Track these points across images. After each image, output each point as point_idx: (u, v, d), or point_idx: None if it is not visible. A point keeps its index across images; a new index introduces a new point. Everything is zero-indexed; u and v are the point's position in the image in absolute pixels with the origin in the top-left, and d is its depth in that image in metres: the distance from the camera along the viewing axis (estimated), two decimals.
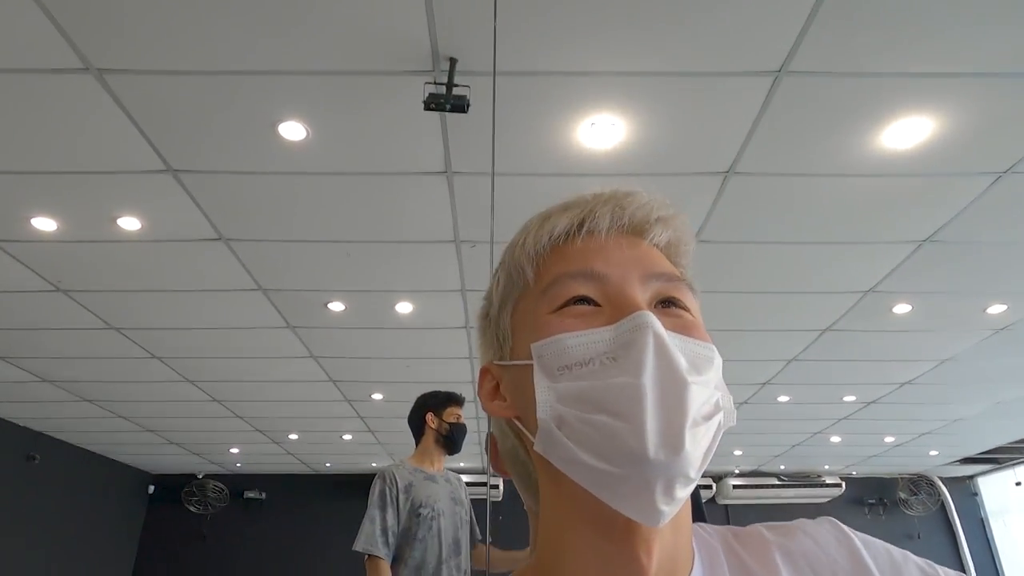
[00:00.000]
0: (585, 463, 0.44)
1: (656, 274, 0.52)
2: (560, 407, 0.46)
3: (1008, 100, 2.31)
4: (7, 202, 2.91)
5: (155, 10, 1.95)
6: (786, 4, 1.94)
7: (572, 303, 0.50)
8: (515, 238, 0.57)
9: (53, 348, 4.61)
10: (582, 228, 0.53)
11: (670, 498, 0.44)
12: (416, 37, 2.06)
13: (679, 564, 0.51)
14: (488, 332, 0.58)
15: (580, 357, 0.47)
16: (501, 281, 0.57)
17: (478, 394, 0.56)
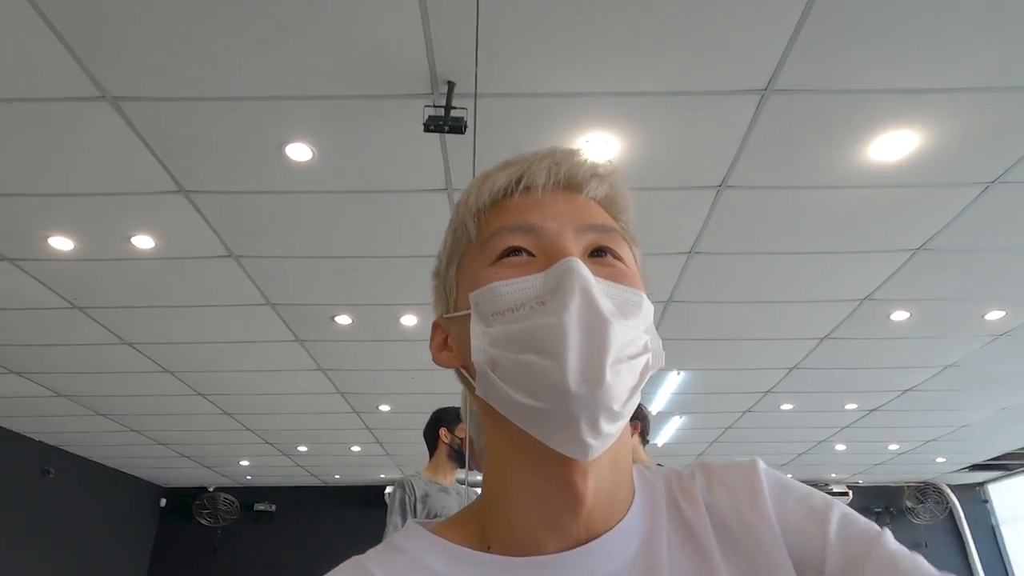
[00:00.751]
0: (517, 401, 0.47)
1: (590, 225, 0.54)
2: (493, 350, 0.49)
3: (991, 113, 2.38)
4: (26, 223, 3.03)
5: (168, 41, 2.05)
6: (769, 26, 2.03)
7: (508, 254, 0.52)
8: (461, 197, 0.59)
9: (68, 363, 4.73)
10: (520, 184, 0.55)
11: (596, 432, 0.46)
12: (416, 62, 2.16)
13: (617, 502, 0.53)
14: (439, 288, 0.60)
15: (512, 303, 0.50)
16: (448, 239, 0.59)
17: (429, 348, 0.59)
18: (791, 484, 0.56)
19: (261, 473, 8.35)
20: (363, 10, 1.96)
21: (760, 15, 1.98)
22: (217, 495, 8.72)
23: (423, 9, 1.96)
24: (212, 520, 8.63)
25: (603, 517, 0.51)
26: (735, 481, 0.56)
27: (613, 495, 0.52)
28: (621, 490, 0.53)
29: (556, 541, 0.50)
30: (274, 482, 8.78)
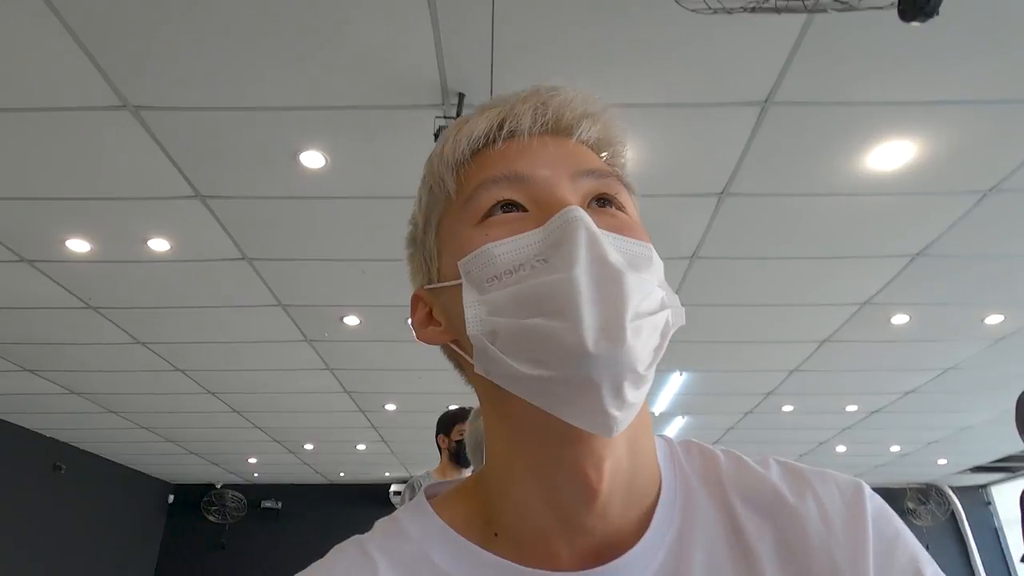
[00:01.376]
0: (525, 374, 0.41)
1: (586, 171, 0.48)
2: (492, 319, 0.43)
3: (984, 125, 2.44)
4: (44, 226, 3.11)
5: (187, 53, 2.13)
6: (769, 40, 2.10)
7: (497, 210, 0.46)
8: (434, 149, 0.52)
9: (81, 361, 4.82)
10: (502, 129, 0.49)
11: (620, 401, 0.40)
12: (427, 74, 2.23)
13: (639, 491, 0.46)
14: (416, 256, 0.54)
15: (509, 264, 0.44)
16: (423, 199, 0.52)
17: (412, 324, 0.53)
18: (900, 534, 0.47)
19: (268, 471, 8.45)
20: (376, 24, 2.04)
21: (760, 31, 2.05)
22: (225, 492, 8.83)
23: (435, 23, 2.04)
24: (220, 517, 8.74)
25: (622, 509, 0.45)
26: (833, 502, 0.47)
27: (633, 483, 0.46)
28: (643, 476, 0.47)
29: (569, 539, 0.45)
30: (281, 480, 8.87)
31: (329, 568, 0.47)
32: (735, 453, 0.52)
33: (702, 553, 0.45)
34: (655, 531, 0.45)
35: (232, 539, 8.64)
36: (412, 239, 0.55)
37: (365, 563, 0.47)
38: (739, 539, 0.46)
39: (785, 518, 0.46)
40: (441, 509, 0.50)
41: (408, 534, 0.49)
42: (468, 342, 0.45)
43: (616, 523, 0.45)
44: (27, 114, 2.38)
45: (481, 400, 0.50)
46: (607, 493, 0.44)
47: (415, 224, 0.54)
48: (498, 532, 0.47)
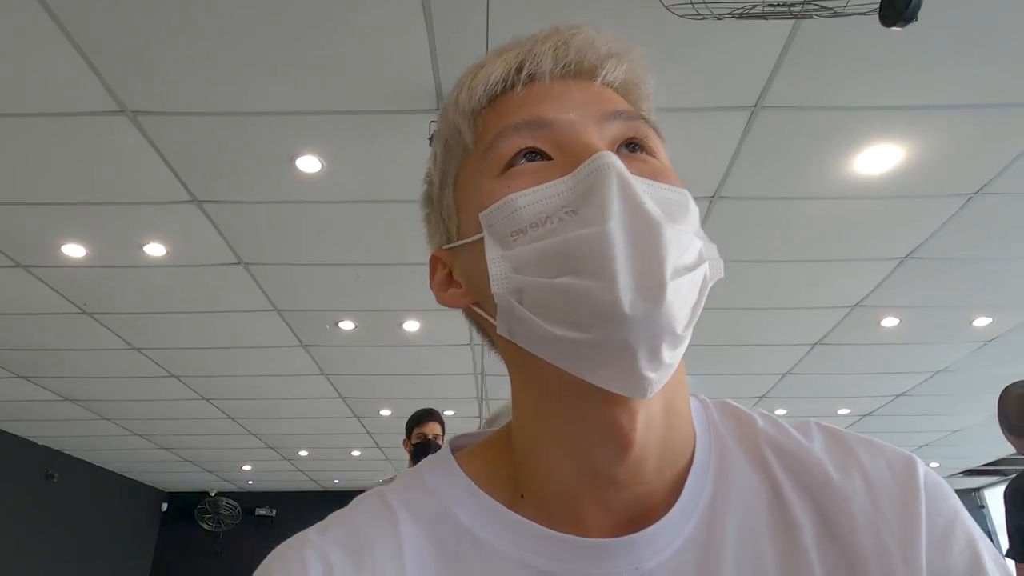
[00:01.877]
0: (555, 336, 0.38)
1: (613, 112, 0.44)
2: (518, 277, 0.40)
3: (970, 129, 2.49)
4: (40, 230, 3.12)
5: (185, 58, 2.16)
6: (758, 45, 2.14)
7: (520, 160, 0.43)
8: (447, 98, 0.49)
9: (76, 368, 4.82)
10: (521, 72, 0.45)
11: (657, 362, 0.38)
12: (421, 79, 2.27)
13: (673, 453, 0.44)
14: (433, 216, 0.51)
15: (534, 217, 0.40)
16: (438, 153, 0.50)
17: (431, 287, 0.50)
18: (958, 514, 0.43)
19: (262, 478, 8.43)
20: (372, 29, 2.07)
21: (749, 36, 2.09)
22: (219, 500, 8.79)
23: (430, 29, 2.07)
24: (214, 525, 8.70)
25: (656, 468, 0.43)
26: (882, 478, 0.44)
27: (667, 443, 0.43)
28: (678, 438, 0.44)
29: (599, 500, 0.43)
30: (275, 487, 8.85)
31: (350, 518, 0.46)
32: (772, 417, 0.49)
33: (737, 521, 0.43)
34: (687, 497, 0.43)
35: (226, 547, 8.60)
36: (428, 198, 0.52)
37: (387, 515, 0.45)
38: (781, 508, 0.43)
39: (828, 495, 0.43)
40: (466, 464, 0.48)
41: (432, 488, 0.47)
42: (491, 303, 0.42)
43: (649, 484, 0.43)
44: (24, 119, 2.40)
45: (507, 364, 0.47)
46: (640, 445, 0.41)
47: (430, 182, 0.51)
48: (524, 494, 0.45)
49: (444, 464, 0.48)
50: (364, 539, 0.44)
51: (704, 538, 0.42)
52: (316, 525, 0.46)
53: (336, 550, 0.43)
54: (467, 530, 0.44)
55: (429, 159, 0.51)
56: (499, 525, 0.44)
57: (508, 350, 0.45)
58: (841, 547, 0.41)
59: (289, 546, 0.45)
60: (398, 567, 0.42)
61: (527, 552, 0.42)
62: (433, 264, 0.50)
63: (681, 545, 0.42)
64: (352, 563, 0.42)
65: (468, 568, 0.43)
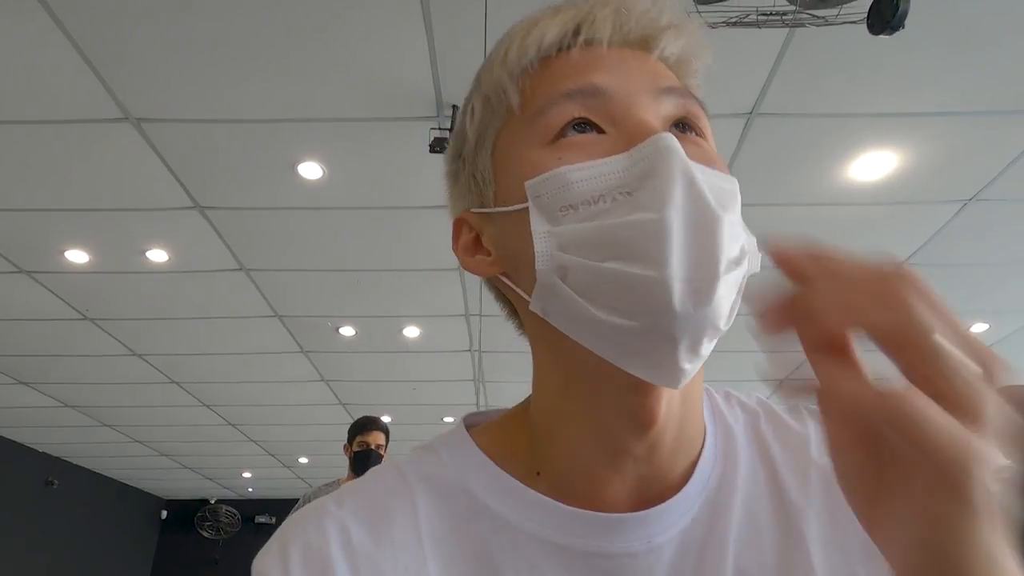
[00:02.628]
0: (596, 319, 0.38)
1: (668, 88, 0.43)
2: (564, 256, 0.39)
3: (964, 136, 2.52)
4: (43, 237, 3.15)
5: (188, 66, 2.19)
6: (753, 53, 2.17)
7: (570, 131, 0.41)
8: (492, 53, 0.46)
9: (76, 374, 4.83)
10: (578, 36, 0.43)
11: (695, 355, 0.38)
12: (422, 87, 2.30)
13: (687, 439, 0.45)
14: (462, 175, 0.48)
15: (587, 194, 0.39)
16: (476, 110, 0.46)
17: (454, 251, 0.48)
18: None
19: (262, 485, 8.42)
20: (372, 37, 2.10)
21: (744, 45, 2.12)
22: (219, 507, 8.78)
23: (430, 37, 2.10)
24: (214, 532, 8.68)
25: (671, 451, 0.44)
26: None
27: (683, 429, 0.44)
28: (692, 425, 0.45)
29: (616, 478, 0.43)
30: (275, 494, 8.83)
31: (367, 490, 0.46)
32: (770, 404, 0.50)
33: (740, 503, 0.44)
34: (698, 479, 0.44)
35: (225, 554, 8.57)
36: (457, 155, 0.48)
37: (403, 488, 0.45)
38: (780, 491, 0.44)
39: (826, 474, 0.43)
40: (481, 441, 0.48)
41: (447, 463, 0.47)
42: (525, 275, 0.41)
43: (662, 466, 0.43)
44: (29, 125, 2.43)
45: (533, 340, 0.46)
46: (660, 428, 0.42)
47: (462, 139, 0.48)
48: (540, 471, 0.45)
49: (459, 440, 0.48)
50: (381, 511, 0.44)
51: (709, 518, 0.44)
52: (330, 495, 0.46)
53: (355, 521, 0.43)
54: (483, 504, 0.44)
55: (462, 114, 0.48)
56: (514, 500, 0.44)
57: (536, 326, 0.44)
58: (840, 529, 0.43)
59: (306, 515, 0.44)
60: (415, 539, 0.43)
61: (542, 527, 0.43)
62: (458, 227, 0.48)
63: (690, 523, 0.43)
64: (370, 534, 0.43)
65: (483, 541, 0.43)
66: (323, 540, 0.42)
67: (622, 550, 0.42)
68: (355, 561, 0.42)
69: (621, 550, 0.42)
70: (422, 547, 0.43)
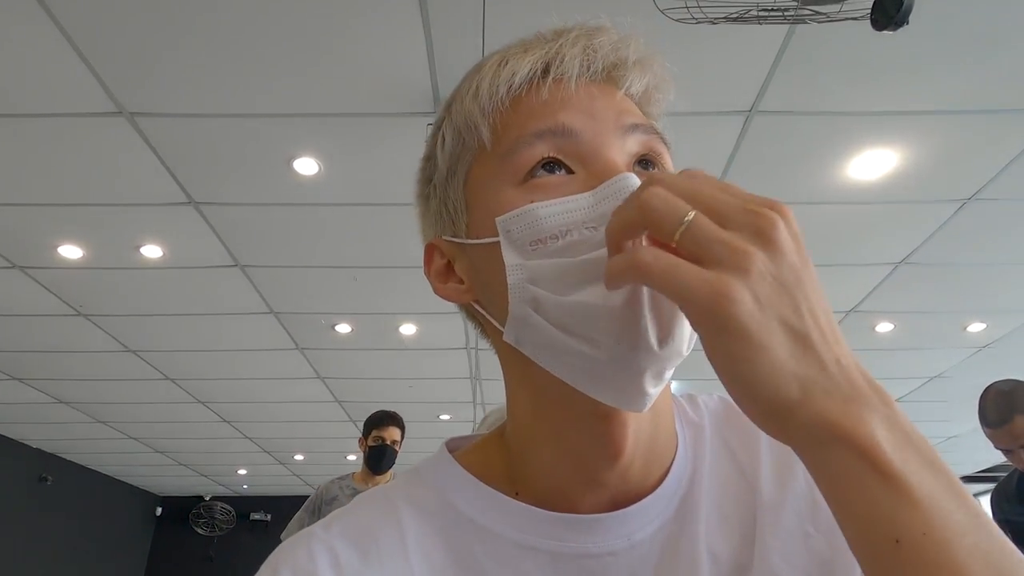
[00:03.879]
0: (568, 348, 0.39)
1: (633, 125, 0.45)
2: (535, 289, 0.40)
3: (963, 135, 2.51)
4: (36, 232, 3.12)
5: (183, 61, 2.17)
6: (753, 50, 2.16)
7: (540, 169, 0.43)
8: (463, 85, 0.47)
9: (71, 370, 4.81)
10: (548, 74, 0.44)
11: (659, 380, 0.40)
12: (418, 82, 2.28)
13: (658, 452, 0.47)
14: (432, 202, 0.50)
15: (555, 228, 0.40)
16: (447, 141, 0.48)
17: (427, 276, 0.50)
18: None
19: (257, 482, 8.40)
20: (369, 32, 2.08)
21: (744, 41, 2.11)
22: (214, 504, 8.76)
23: (427, 31, 2.08)
24: (208, 529, 8.67)
25: (642, 468, 0.46)
26: None
27: (653, 446, 0.46)
28: (662, 439, 0.47)
29: (591, 494, 0.45)
30: (270, 491, 8.82)
31: (352, 514, 0.47)
32: (727, 400, 0.52)
33: (708, 494, 0.47)
34: (672, 479, 0.47)
35: (220, 551, 8.56)
36: (428, 180, 0.50)
37: (389, 509, 0.47)
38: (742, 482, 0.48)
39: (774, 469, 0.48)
40: (464, 461, 0.49)
41: (431, 483, 0.48)
42: (498, 305, 0.43)
43: (634, 481, 0.46)
44: (22, 119, 2.40)
45: (504, 364, 0.48)
46: (630, 454, 0.44)
47: (433, 165, 0.49)
48: (519, 491, 0.47)
49: (442, 462, 0.50)
50: (368, 532, 0.45)
51: (684, 513, 0.46)
52: (318, 522, 0.47)
53: (342, 543, 0.44)
54: (468, 518, 0.45)
55: (432, 140, 0.50)
56: (498, 512, 0.46)
57: (508, 353, 0.46)
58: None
59: (294, 542, 0.46)
60: (402, 554, 0.44)
61: (527, 535, 0.45)
62: (430, 252, 0.50)
63: (667, 519, 0.46)
64: (358, 554, 0.44)
65: (471, 554, 0.44)
66: (312, 563, 0.43)
67: (604, 549, 0.44)
68: None
69: (603, 549, 0.44)
70: (410, 563, 0.44)
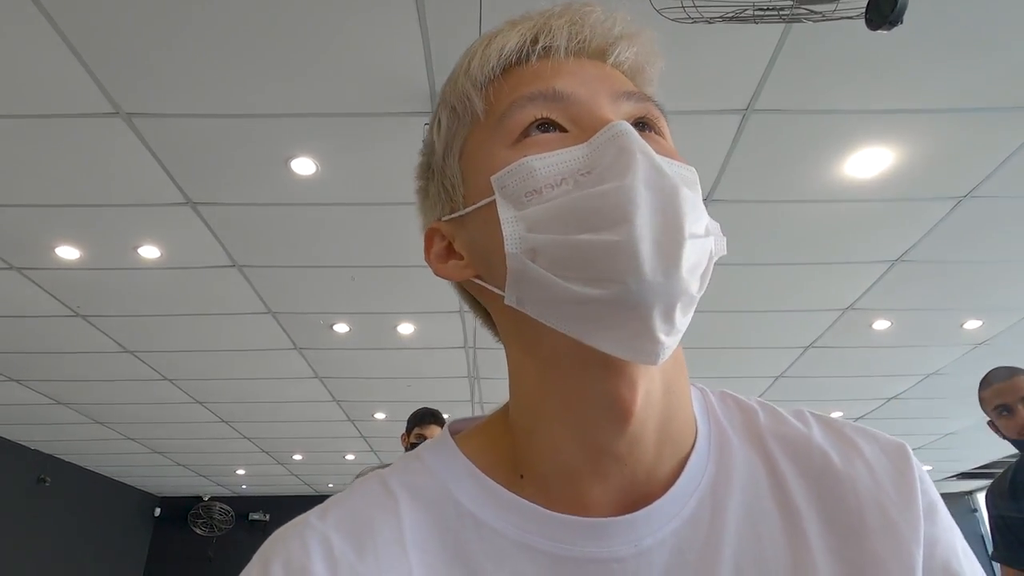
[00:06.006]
0: (569, 295, 0.38)
1: (626, 93, 0.45)
2: (533, 236, 0.40)
3: (959, 133, 2.52)
4: (34, 232, 3.12)
5: (180, 61, 2.17)
6: (749, 49, 2.16)
7: (534, 129, 0.43)
8: (456, 66, 0.48)
9: (69, 371, 4.80)
10: (536, 45, 0.45)
11: (670, 325, 0.38)
12: (416, 81, 2.28)
13: (674, 435, 0.44)
14: (432, 187, 0.50)
15: (550, 178, 0.40)
16: (442, 122, 0.48)
17: (427, 260, 0.49)
18: (939, 499, 0.46)
19: (256, 482, 8.40)
20: (366, 31, 2.08)
21: (740, 40, 2.11)
22: (212, 504, 8.76)
23: (423, 30, 2.09)
24: (207, 529, 8.66)
25: (655, 447, 0.43)
26: (881, 462, 0.45)
27: (667, 423, 0.44)
28: (678, 421, 0.45)
29: (600, 478, 0.43)
30: (269, 491, 8.82)
31: (350, 502, 0.46)
32: (770, 405, 0.50)
33: (737, 504, 0.44)
34: (687, 479, 0.44)
35: (219, 552, 8.56)
36: (426, 168, 0.51)
37: (387, 498, 0.45)
38: (782, 492, 0.44)
39: (831, 480, 0.44)
40: (465, 446, 0.48)
41: (432, 471, 0.46)
42: (498, 271, 0.42)
43: (648, 463, 0.43)
44: (19, 120, 2.40)
45: (507, 340, 0.47)
46: (640, 419, 0.42)
47: (431, 151, 0.50)
48: (524, 474, 0.45)
49: (443, 447, 0.48)
50: (365, 523, 0.44)
51: (705, 519, 0.43)
52: (314, 509, 0.46)
53: (337, 534, 0.43)
54: (468, 512, 0.44)
55: (431, 128, 0.50)
56: (499, 507, 0.44)
57: (510, 321, 0.45)
58: (846, 527, 0.42)
59: (288, 530, 0.44)
60: (400, 550, 0.42)
61: (527, 534, 0.43)
62: (430, 237, 0.49)
63: (680, 524, 0.43)
64: (353, 546, 0.42)
65: (469, 550, 0.43)
66: (305, 556, 0.42)
67: (608, 555, 0.42)
68: (338, 574, 0.41)
69: (607, 555, 0.42)
70: (407, 556, 0.42)
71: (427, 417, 3.09)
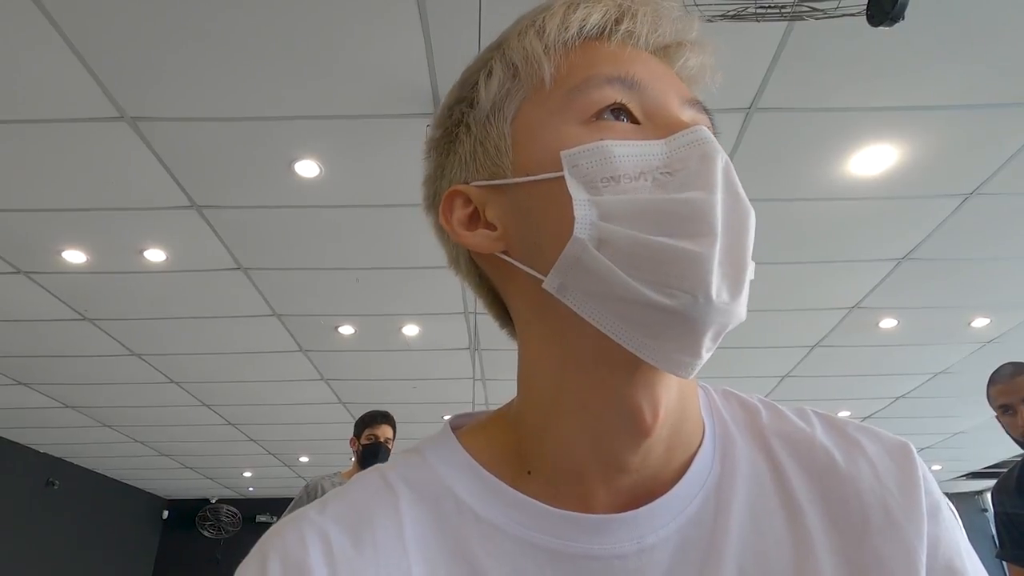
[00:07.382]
0: (628, 293, 0.37)
1: (691, 100, 0.44)
2: (606, 226, 0.38)
3: (964, 130, 2.50)
4: (40, 237, 3.14)
5: (184, 64, 2.18)
6: (752, 47, 2.16)
7: (608, 113, 0.41)
8: (524, 21, 0.45)
9: (76, 374, 4.82)
10: (620, 26, 0.43)
11: (714, 344, 0.38)
12: (418, 84, 2.28)
13: (683, 437, 0.44)
14: (464, 145, 0.46)
15: (630, 169, 0.38)
16: (495, 75, 0.44)
17: (445, 223, 0.45)
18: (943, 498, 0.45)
19: (263, 485, 8.42)
20: (369, 35, 2.09)
21: (743, 39, 2.10)
22: (220, 507, 8.78)
23: (426, 34, 2.09)
24: (215, 532, 8.69)
25: (665, 453, 0.43)
26: (884, 461, 0.45)
27: (679, 428, 0.44)
28: (688, 423, 0.45)
29: (607, 480, 0.43)
30: (276, 494, 8.83)
31: (349, 496, 0.45)
32: (773, 404, 0.49)
33: (741, 503, 0.43)
34: (692, 477, 0.44)
35: (227, 554, 8.57)
36: (458, 122, 0.46)
37: (387, 493, 0.44)
38: (785, 491, 0.44)
39: (834, 478, 0.44)
40: (468, 442, 0.47)
41: (432, 466, 0.46)
42: (542, 249, 0.40)
43: (656, 467, 0.43)
44: (24, 125, 2.42)
45: (525, 328, 0.45)
46: (656, 436, 0.42)
47: (470, 105, 0.46)
48: (531, 470, 0.44)
49: (445, 442, 0.47)
50: (364, 517, 0.43)
51: (708, 517, 0.42)
52: (314, 502, 0.45)
53: (335, 528, 0.42)
54: (468, 508, 0.43)
55: (477, 76, 0.46)
56: (501, 503, 0.43)
57: (535, 308, 0.43)
58: (849, 525, 0.42)
59: (287, 524, 0.44)
60: (399, 545, 0.42)
61: (529, 530, 0.42)
62: (451, 199, 0.45)
63: (684, 522, 0.42)
64: (352, 541, 0.42)
65: (470, 546, 0.42)
66: (303, 550, 0.41)
67: (610, 552, 0.41)
68: (336, 569, 0.41)
69: (609, 552, 0.41)
70: (406, 552, 0.42)
71: (378, 418, 3.08)
